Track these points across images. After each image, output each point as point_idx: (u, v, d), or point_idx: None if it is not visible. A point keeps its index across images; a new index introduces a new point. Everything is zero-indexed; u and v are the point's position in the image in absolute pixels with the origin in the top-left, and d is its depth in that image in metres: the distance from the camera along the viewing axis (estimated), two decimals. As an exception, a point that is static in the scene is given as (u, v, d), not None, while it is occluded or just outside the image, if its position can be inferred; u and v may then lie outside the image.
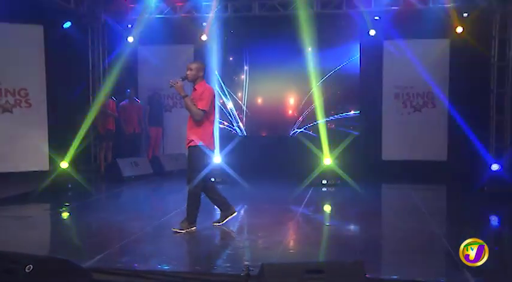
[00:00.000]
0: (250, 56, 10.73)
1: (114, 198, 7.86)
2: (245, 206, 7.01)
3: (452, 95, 9.51)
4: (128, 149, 10.02)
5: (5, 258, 3.60)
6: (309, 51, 9.30)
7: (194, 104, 5.14)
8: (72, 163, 8.41)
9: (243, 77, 10.83)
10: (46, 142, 8.71)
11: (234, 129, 10.87)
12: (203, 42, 10.01)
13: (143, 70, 10.67)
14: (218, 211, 5.69)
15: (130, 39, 9.94)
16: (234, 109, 10.89)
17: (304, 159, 9.07)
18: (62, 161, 8.33)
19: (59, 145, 8.70)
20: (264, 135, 10.97)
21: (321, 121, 9.38)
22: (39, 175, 8.41)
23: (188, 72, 5.25)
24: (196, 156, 5.22)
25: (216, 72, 10.45)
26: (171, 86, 5.18)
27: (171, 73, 10.02)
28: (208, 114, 5.20)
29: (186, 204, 5.34)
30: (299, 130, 10.69)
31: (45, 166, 8.69)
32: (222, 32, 10.36)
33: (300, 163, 9.02)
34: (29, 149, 8.61)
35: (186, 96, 5.16)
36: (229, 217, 5.59)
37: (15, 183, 8.47)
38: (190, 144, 5.23)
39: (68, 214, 6.69)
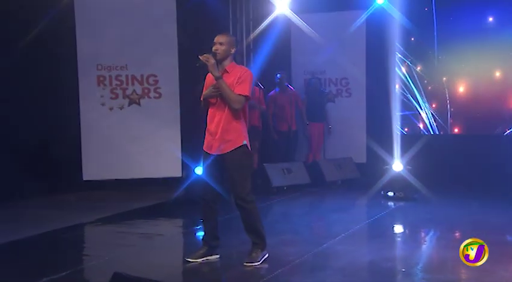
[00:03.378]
0: (444, 23, 10.30)
1: (261, 215, 7.97)
2: (437, 233, 6.73)
3: None
4: (279, 151, 10.29)
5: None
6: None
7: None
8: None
9: (433, 53, 10.42)
10: (178, 142, 9.25)
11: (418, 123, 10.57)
12: (379, 6, 9.91)
13: (298, 47, 10.89)
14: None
15: (281, 6, 10.17)
16: (421, 98, 10.55)
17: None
18: (196, 166, 8.60)
19: (193, 146, 9.09)
20: (462, 133, 10.48)
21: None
22: (170, 183, 9.02)
23: (217, 47, 5.13)
24: (243, 160, 5.20)
25: (397, 52, 10.31)
26: (200, 65, 5.07)
27: (334, 49, 10.23)
28: (244, 104, 5.17)
29: (246, 228, 5.33)
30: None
31: (177, 172, 9.26)
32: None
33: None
34: (158, 150, 9.22)
35: (221, 78, 5.08)
36: (208, 258, 5.46)
37: (142, 192, 9.20)
38: (230, 145, 5.16)
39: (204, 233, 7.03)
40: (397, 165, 8.69)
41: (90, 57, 9.07)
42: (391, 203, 8.29)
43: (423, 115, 10.57)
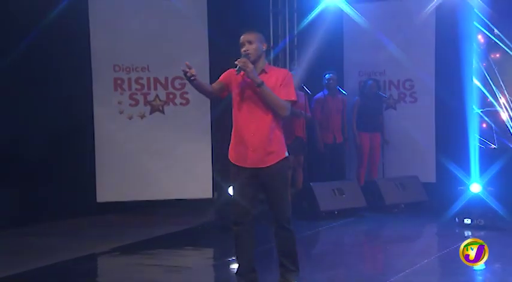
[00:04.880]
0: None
1: (307, 245, 7.98)
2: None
3: None
4: (326, 167, 10.21)
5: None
6: None
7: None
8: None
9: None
10: (209, 157, 9.26)
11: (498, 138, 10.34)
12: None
13: (352, 43, 10.81)
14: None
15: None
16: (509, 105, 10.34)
17: None
18: (230, 185, 8.59)
19: (226, 162, 9.07)
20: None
21: None
22: (200, 205, 9.08)
23: (247, 48, 5.23)
24: (286, 175, 5.48)
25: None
26: (239, 72, 5.11)
27: (396, 46, 10.06)
28: None
29: (284, 253, 5.41)
30: None
31: (207, 192, 9.26)
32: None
33: None
34: (184, 167, 9.25)
35: (263, 84, 5.15)
36: None
37: (166, 216, 9.27)
38: (273, 157, 5.26)
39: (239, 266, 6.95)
40: (476, 186, 8.49)
41: (105, 56, 9.11)
42: (468, 233, 8.10)
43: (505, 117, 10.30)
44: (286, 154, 5.34)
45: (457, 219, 8.38)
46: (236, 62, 5.13)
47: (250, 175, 5.26)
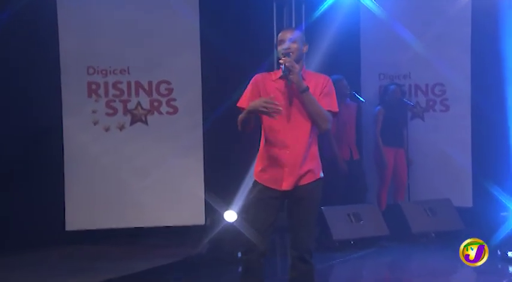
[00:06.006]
0: None
1: (318, 281, 7.74)
2: None
3: None
4: (340, 188, 9.91)
5: None
6: None
7: None
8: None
9: None
10: (201, 176, 9.24)
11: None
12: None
13: (371, 41, 10.72)
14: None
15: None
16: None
17: None
18: (226, 210, 8.62)
19: (221, 181, 9.15)
20: None
21: None
22: (189, 233, 9.06)
23: (289, 46, 5.23)
24: (318, 199, 5.37)
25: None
26: (285, 73, 5.05)
27: (424, 44, 9.88)
28: None
29: None
30: None
31: (198, 218, 9.22)
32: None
33: None
34: (171, 188, 9.25)
35: (308, 89, 5.13)
36: None
37: (149, 247, 9.17)
38: (308, 177, 5.25)
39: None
40: (513, 215, 8.50)
41: (77, 56, 9.08)
42: (512, 268, 8.03)
43: None
44: (321, 174, 5.32)
45: (499, 251, 8.23)
46: (281, 61, 5.11)
47: (279, 197, 5.25)
